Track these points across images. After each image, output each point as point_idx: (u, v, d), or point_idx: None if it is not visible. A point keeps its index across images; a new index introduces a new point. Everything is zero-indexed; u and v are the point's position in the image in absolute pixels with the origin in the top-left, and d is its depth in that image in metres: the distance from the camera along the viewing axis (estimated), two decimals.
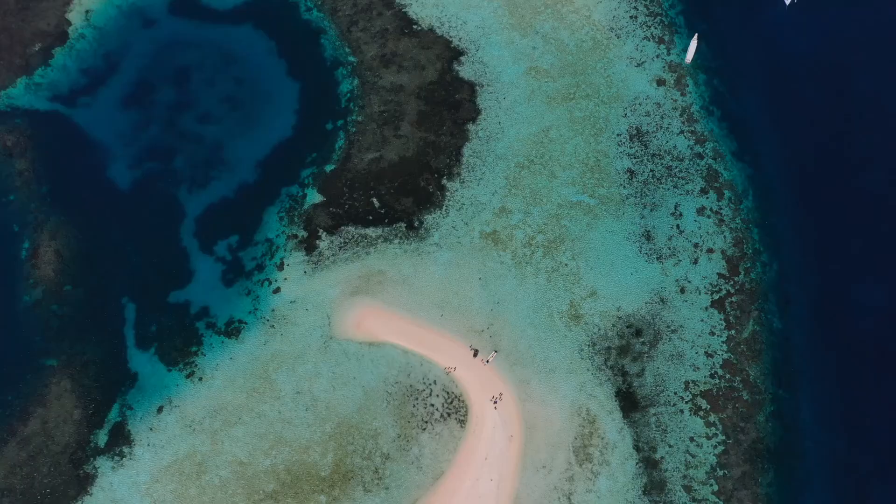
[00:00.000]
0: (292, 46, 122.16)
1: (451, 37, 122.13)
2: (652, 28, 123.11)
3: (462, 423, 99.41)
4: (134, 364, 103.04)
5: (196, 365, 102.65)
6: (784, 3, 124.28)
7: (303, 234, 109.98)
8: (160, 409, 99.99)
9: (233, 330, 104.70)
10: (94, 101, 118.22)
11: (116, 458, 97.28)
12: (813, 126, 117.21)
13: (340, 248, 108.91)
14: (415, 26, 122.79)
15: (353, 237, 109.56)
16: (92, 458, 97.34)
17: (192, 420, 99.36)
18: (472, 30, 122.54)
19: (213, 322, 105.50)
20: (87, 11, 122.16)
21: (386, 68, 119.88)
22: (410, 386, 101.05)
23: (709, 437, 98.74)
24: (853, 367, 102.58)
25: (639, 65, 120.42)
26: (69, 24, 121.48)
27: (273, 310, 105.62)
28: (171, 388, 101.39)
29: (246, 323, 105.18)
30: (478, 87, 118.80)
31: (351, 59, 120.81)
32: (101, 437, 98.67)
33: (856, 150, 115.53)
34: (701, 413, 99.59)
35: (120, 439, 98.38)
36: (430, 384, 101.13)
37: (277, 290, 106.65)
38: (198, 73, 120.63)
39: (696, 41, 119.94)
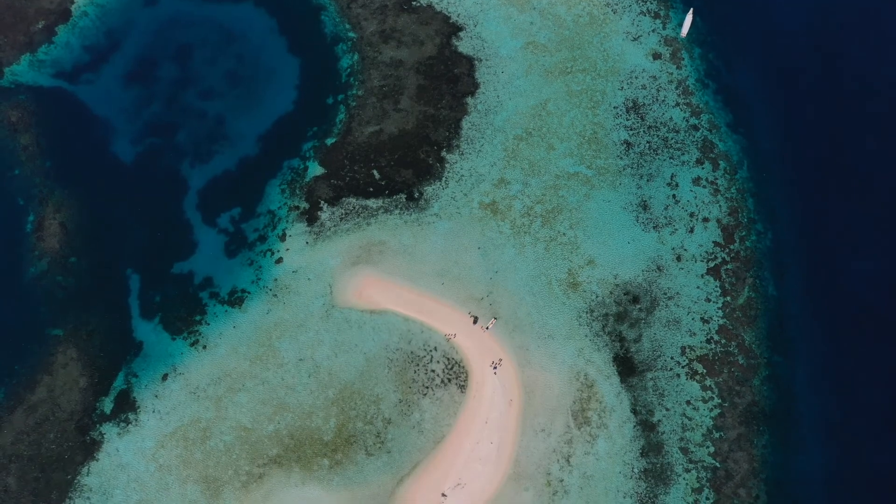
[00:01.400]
0: (293, 23, 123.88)
1: (449, 13, 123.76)
2: (648, 3, 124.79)
3: (462, 388, 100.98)
4: (138, 333, 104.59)
5: (200, 334, 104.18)
6: None
7: (304, 205, 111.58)
8: (165, 377, 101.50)
9: (236, 299, 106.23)
10: (98, 78, 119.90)
11: (122, 424, 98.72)
12: (805, 98, 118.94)
13: (342, 218, 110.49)
14: (414, 3, 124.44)
15: (354, 208, 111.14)
16: (98, 425, 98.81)
17: (197, 387, 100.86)
18: (470, 6, 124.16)
19: (217, 292, 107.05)
20: None
21: (385, 44, 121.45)
22: (411, 352, 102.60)
23: (705, 401, 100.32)
24: (846, 332, 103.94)
25: (635, 39, 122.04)
26: (72, 2, 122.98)
27: (275, 279, 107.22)
28: (175, 357, 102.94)
29: (249, 292, 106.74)
30: (476, 62, 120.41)
31: (351, 34, 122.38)
32: (107, 405, 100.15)
33: (848, 122, 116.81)
34: (697, 377, 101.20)
35: (125, 406, 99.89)
36: (430, 350, 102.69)
37: (280, 261, 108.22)
38: (199, 51, 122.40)
39: (691, 16, 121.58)
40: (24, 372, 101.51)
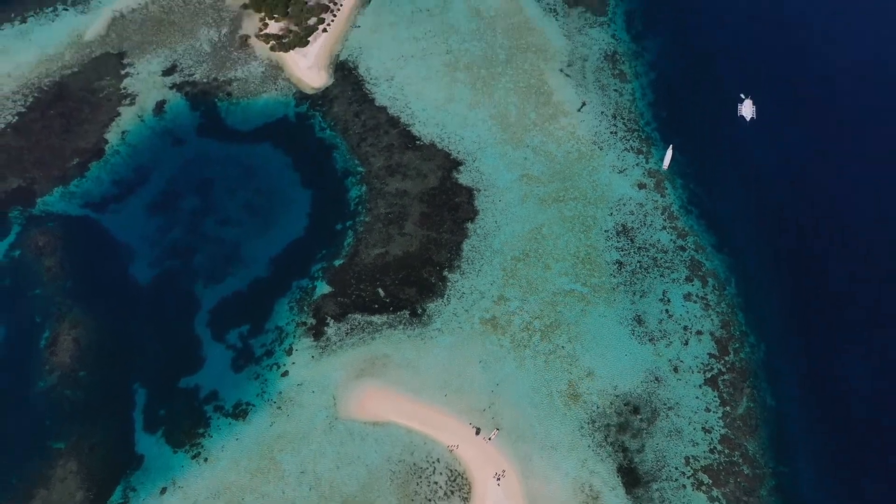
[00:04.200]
0: (307, 160, 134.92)
1: (450, 150, 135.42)
2: (631, 141, 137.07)
3: (465, 500, 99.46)
4: (141, 446, 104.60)
5: (202, 446, 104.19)
6: (745, 119, 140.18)
7: (311, 321, 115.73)
8: (163, 491, 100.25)
9: (240, 412, 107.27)
10: (123, 208, 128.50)
11: None
12: (781, 219, 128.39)
13: (347, 333, 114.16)
14: (417, 141, 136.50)
15: (360, 324, 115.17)
16: None
17: (195, 501, 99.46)
18: (469, 144, 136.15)
19: (221, 405, 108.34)
20: (123, 132, 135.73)
21: (391, 176, 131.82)
22: (414, 464, 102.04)
23: None
24: (847, 438, 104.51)
25: (621, 172, 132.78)
26: (106, 142, 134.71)
27: (280, 392, 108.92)
28: (175, 470, 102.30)
29: (253, 405, 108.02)
30: (475, 192, 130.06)
31: (360, 169, 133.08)
32: None
33: (820, 238, 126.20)
34: (703, 488, 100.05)
35: None
36: (433, 462, 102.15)
37: (285, 374, 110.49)
38: (220, 184, 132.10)
39: (671, 151, 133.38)
40: (21, 486, 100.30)
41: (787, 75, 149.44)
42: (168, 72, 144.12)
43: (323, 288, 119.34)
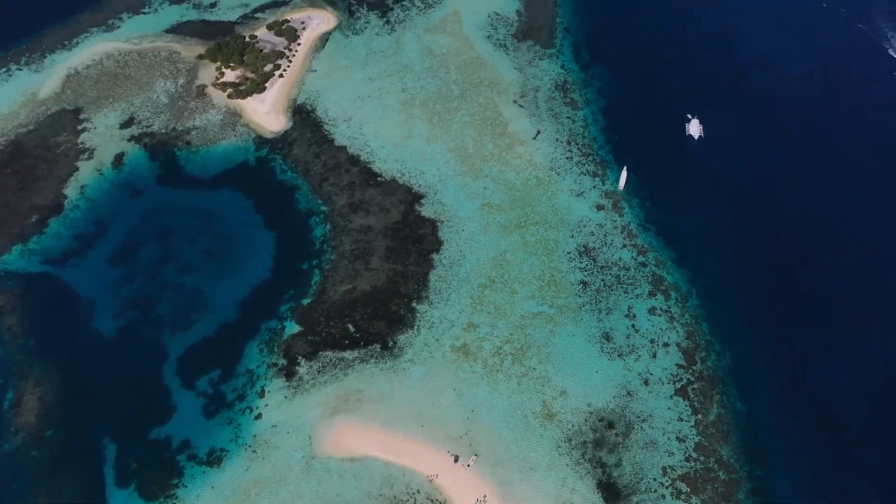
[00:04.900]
0: (270, 203, 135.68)
1: (411, 184, 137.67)
2: (586, 165, 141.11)
3: None
4: (113, 502, 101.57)
5: (177, 497, 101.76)
6: (693, 137, 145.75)
7: (282, 362, 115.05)
8: None
9: (214, 459, 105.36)
10: (84, 262, 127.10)
11: None
12: (734, 230, 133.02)
13: (319, 371, 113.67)
14: (379, 178, 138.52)
15: (331, 361, 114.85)
16: None
17: None
18: (429, 177, 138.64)
19: (195, 453, 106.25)
20: (82, 186, 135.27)
21: (355, 213, 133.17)
22: (394, 497, 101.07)
23: None
24: (816, 436, 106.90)
25: (579, 195, 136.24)
26: (65, 197, 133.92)
27: (255, 436, 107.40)
28: None
29: (227, 451, 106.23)
30: (438, 223, 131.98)
31: (323, 208, 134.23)
32: None
33: (772, 245, 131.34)
34: (682, 496, 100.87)
35: None
36: (413, 493, 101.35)
37: (259, 417, 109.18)
38: (183, 232, 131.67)
39: (625, 172, 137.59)
40: None
41: (729, 94, 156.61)
42: (126, 124, 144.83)
43: (292, 328, 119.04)
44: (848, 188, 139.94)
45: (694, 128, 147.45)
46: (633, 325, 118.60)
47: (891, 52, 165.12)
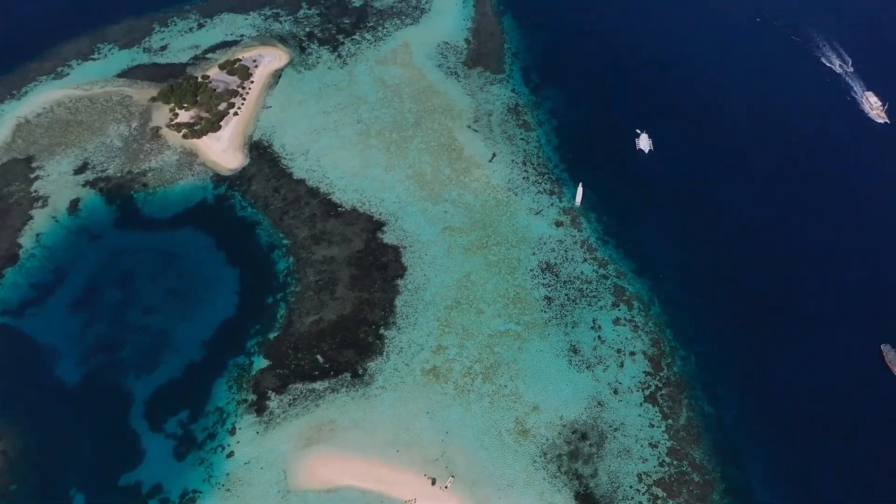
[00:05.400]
0: (231, 239, 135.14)
1: (372, 212, 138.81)
2: (543, 184, 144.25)
3: None
4: None
5: None
6: (643, 151, 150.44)
7: (252, 397, 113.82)
8: None
9: (187, 501, 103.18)
10: (43, 310, 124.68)
11: None
12: (688, 237, 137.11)
13: (290, 404, 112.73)
14: (339, 208, 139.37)
15: (302, 393, 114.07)
16: None
17: None
18: (389, 205, 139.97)
19: (167, 497, 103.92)
20: (37, 234, 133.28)
21: (317, 245, 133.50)
22: None
23: None
24: (784, 433, 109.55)
25: (537, 213, 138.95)
26: (20, 246, 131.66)
27: (228, 474, 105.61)
28: None
29: (200, 492, 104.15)
30: (401, 249, 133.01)
31: (285, 241, 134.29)
32: None
33: (724, 249, 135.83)
34: (659, 501, 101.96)
35: None
36: None
37: (231, 455, 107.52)
38: (143, 274, 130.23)
39: (581, 188, 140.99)
40: None
41: (674, 108, 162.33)
42: (80, 170, 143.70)
43: (260, 362, 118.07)
44: (789, 191, 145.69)
45: (643, 142, 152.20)
46: (599, 337, 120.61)
47: (822, 59, 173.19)
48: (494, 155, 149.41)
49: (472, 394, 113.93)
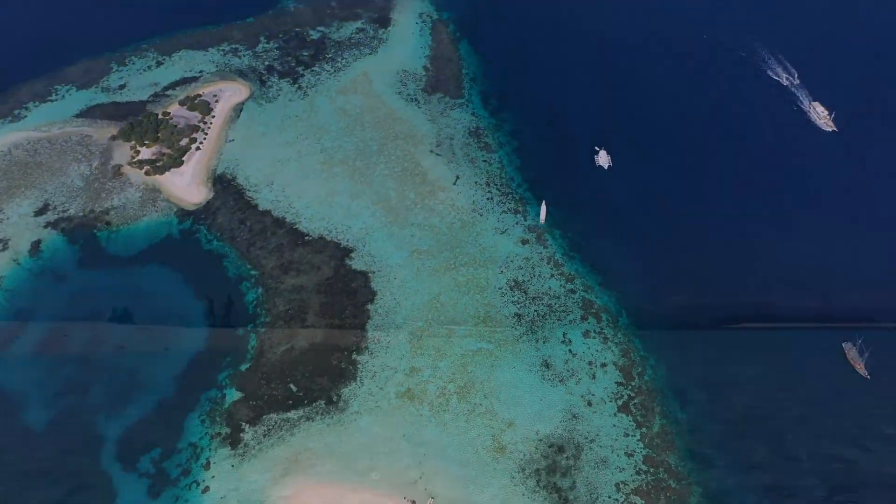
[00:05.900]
0: (198, 273, 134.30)
1: (339, 240, 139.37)
2: (507, 203, 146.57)
3: None
4: None
5: None
6: (602, 167, 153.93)
7: (226, 430, 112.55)
8: None
9: None
10: (7, 355, 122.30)
11: None
12: (650, 248, 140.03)
13: (265, 435, 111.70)
14: (306, 237, 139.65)
15: (276, 423, 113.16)
16: None
17: None
18: (356, 231, 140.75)
19: None
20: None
21: (286, 274, 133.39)
22: None
23: None
24: (758, 434, 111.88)
25: (503, 232, 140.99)
26: None
27: None
28: None
29: None
30: (370, 274, 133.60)
31: (253, 272, 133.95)
32: None
33: (685, 256, 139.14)
34: None
35: None
36: None
37: (206, 490, 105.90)
38: (109, 312, 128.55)
39: (545, 206, 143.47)
40: None
41: (631, 124, 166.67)
42: (40, 212, 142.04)
43: (233, 395, 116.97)
44: (745, 199, 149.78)
45: (602, 158, 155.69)
46: (570, 350, 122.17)
47: (769, 73, 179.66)
48: (458, 178, 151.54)
49: (448, 413, 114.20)
